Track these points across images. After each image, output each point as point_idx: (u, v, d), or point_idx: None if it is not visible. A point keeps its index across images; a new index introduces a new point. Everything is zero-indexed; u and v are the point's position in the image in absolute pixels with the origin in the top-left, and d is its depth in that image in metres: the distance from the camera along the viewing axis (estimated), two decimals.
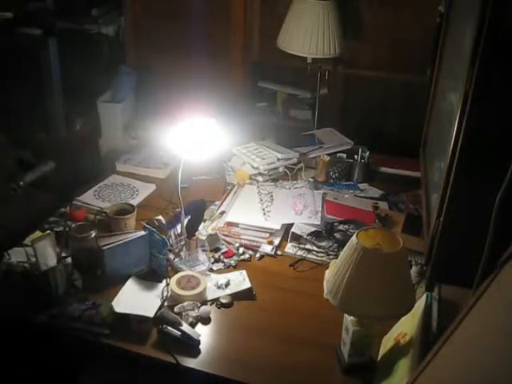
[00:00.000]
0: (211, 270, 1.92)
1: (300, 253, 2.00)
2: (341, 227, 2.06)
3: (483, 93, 1.17)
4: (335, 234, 2.04)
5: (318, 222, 2.10)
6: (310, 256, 1.99)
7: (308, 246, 2.03)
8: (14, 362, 1.74)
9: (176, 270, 1.88)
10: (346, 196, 2.35)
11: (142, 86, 3.25)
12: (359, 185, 2.46)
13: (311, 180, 2.47)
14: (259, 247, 2.03)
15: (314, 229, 2.08)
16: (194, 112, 1.94)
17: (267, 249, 2.02)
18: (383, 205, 2.29)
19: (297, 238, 2.06)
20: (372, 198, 2.35)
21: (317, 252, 2.01)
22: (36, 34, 3.06)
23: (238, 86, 3.16)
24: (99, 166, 2.89)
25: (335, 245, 2.02)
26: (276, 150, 2.57)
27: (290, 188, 2.40)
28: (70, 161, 2.75)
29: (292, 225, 2.10)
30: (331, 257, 1.97)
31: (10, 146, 2.44)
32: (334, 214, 2.18)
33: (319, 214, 2.15)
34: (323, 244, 2.03)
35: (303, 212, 2.17)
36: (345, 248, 1.40)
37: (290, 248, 2.03)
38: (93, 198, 2.27)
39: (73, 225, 1.90)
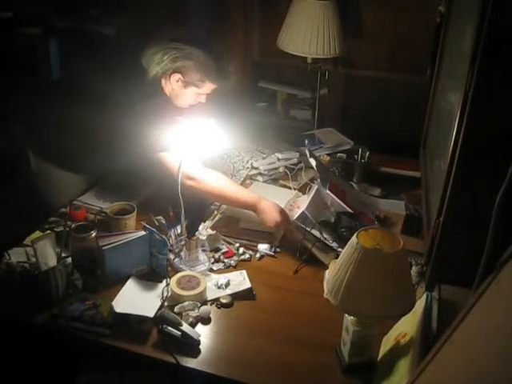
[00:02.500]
0: (211, 270, 1.92)
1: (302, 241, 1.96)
2: (349, 222, 2.04)
3: (483, 93, 1.17)
4: (342, 230, 2.01)
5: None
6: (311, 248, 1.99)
7: (314, 232, 1.98)
8: (14, 362, 1.74)
9: (176, 270, 1.88)
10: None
11: None
12: (359, 185, 2.46)
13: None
14: (259, 247, 2.04)
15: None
16: (194, 112, 1.94)
17: (267, 249, 2.03)
18: None
19: (305, 219, 2.00)
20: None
21: (319, 243, 1.97)
22: (36, 33, 3.06)
23: (237, 86, 3.16)
24: None
25: (339, 240, 1.98)
26: (276, 150, 2.57)
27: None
28: None
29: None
30: (331, 254, 1.96)
31: None
32: (334, 192, 2.14)
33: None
34: (328, 237, 2.00)
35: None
36: (345, 248, 1.40)
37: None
38: (93, 198, 2.27)
39: (73, 225, 1.90)
